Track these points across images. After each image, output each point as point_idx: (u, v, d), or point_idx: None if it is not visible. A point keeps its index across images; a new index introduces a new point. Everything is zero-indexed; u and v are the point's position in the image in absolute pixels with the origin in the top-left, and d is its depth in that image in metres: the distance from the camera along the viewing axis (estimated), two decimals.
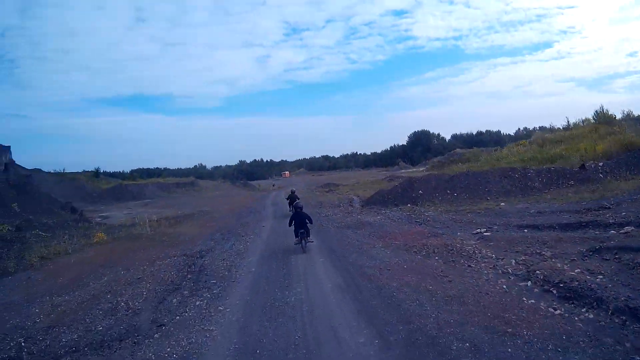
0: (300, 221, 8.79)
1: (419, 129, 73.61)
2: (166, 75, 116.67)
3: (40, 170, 34.99)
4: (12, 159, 29.83)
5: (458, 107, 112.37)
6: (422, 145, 69.61)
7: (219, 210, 21.47)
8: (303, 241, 8.77)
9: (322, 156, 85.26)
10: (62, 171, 39.92)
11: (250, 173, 75.21)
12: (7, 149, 29.37)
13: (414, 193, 16.30)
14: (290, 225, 9.00)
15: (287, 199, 16.80)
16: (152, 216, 18.71)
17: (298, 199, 18.24)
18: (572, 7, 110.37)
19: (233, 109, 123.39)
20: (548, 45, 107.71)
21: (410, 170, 49.84)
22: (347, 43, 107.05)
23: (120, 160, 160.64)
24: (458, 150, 49.76)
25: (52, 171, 38.06)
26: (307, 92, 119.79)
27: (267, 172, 76.51)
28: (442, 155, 52.18)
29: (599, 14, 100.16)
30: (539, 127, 59.62)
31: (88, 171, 47.27)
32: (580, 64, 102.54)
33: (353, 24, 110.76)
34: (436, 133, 73.21)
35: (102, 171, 56.09)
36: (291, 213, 10.64)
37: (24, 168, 31.57)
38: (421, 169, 45.73)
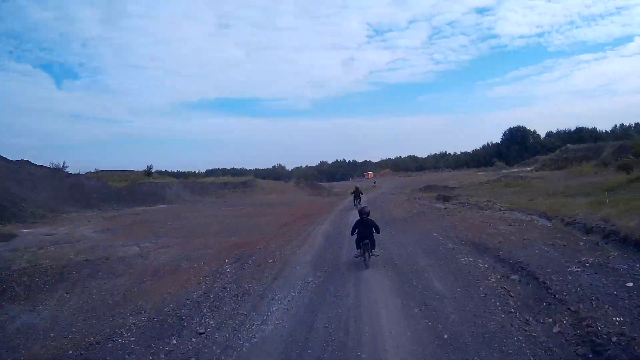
0: (365, 230, 7.53)
1: (513, 125, 66.69)
2: (253, 78, 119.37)
3: (28, 162, 27.43)
4: None
5: (543, 107, 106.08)
6: (517, 143, 63.34)
7: (201, 251, 9.97)
8: (366, 254, 7.47)
9: (409, 156, 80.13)
10: (59, 166, 31.50)
11: (331, 174, 72.63)
12: None
13: None
14: (352, 234, 7.78)
15: (352, 193, 17.57)
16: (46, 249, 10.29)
17: (362, 193, 17.75)
18: None
19: (320, 111, 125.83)
20: (629, 39, 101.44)
21: (513, 170, 42.47)
22: (432, 43, 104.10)
23: (204, 160, 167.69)
24: (570, 146, 43.81)
25: (46, 165, 29.67)
26: (392, 93, 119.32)
27: (349, 172, 73.71)
28: (549, 153, 46.70)
29: None
30: (635, 123, 57.48)
31: (125, 171, 39.96)
32: None
33: (436, 23, 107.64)
34: (531, 130, 66.37)
35: (176, 171, 52.38)
36: (356, 207, 9.57)
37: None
38: (528, 169, 40.01)
